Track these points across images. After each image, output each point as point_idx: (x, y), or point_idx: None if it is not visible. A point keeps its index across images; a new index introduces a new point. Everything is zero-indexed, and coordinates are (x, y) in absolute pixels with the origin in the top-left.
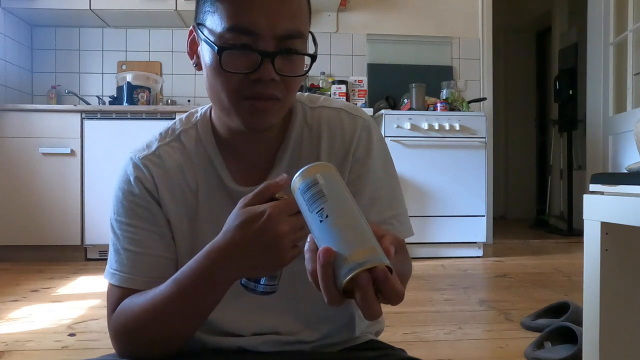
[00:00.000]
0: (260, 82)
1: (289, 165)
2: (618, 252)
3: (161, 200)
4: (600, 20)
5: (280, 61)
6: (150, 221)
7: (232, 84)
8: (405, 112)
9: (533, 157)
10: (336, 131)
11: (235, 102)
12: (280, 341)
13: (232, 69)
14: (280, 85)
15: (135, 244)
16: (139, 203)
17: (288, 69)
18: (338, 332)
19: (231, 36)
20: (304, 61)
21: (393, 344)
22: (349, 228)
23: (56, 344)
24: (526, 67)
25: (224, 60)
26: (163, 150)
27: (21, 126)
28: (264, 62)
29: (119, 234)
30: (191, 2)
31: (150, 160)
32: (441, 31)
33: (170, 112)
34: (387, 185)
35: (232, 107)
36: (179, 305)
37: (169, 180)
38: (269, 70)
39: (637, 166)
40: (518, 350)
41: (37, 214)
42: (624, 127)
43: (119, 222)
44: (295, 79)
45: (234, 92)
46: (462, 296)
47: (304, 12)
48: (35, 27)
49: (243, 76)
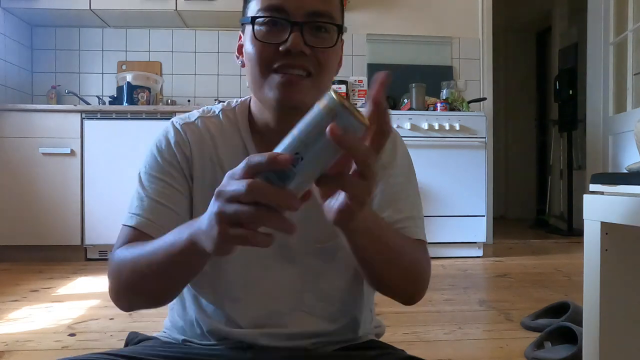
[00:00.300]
0: (290, 54)
1: None
2: (618, 252)
3: (193, 166)
4: (600, 20)
5: (309, 34)
6: (179, 182)
7: (264, 55)
8: (405, 112)
9: (533, 157)
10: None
11: (266, 74)
12: (280, 334)
13: (264, 39)
14: (311, 59)
15: (160, 196)
16: (173, 163)
17: (317, 42)
18: (341, 330)
19: (264, 14)
20: (335, 38)
21: (393, 344)
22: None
23: (56, 344)
24: (526, 67)
25: (257, 30)
26: (201, 121)
27: (21, 126)
28: (293, 32)
29: (146, 185)
30: (191, 2)
31: (189, 127)
32: (441, 31)
33: (170, 112)
34: (406, 190)
35: (264, 80)
36: (160, 271)
37: (203, 149)
38: (298, 40)
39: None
40: (518, 350)
41: (37, 214)
42: (624, 127)
43: (148, 175)
44: (325, 53)
45: (265, 64)
46: (462, 296)
47: (335, 2)
48: (35, 27)
49: (274, 48)
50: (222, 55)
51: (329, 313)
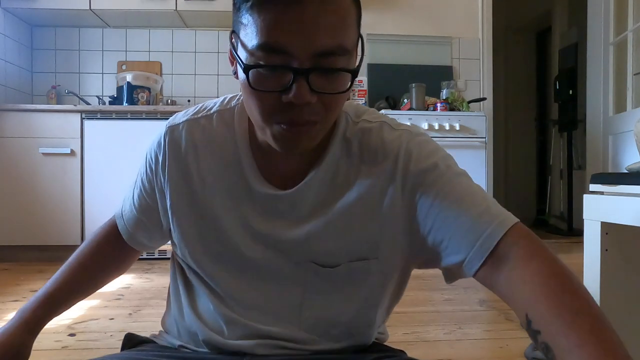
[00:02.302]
0: (293, 106)
1: (320, 182)
2: (618, 252)
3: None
4: (600, 20)
5: (316, 78)
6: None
7: (265, 105)
8: (405, 112)
9: (533, 157)
10: (377, 149)
11: (268, 124)
12: (278, 345)
13: (263, 88)
14: (317, 107)
15: (143, 213)
16: (155, 181)
17: (326, 86)
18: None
19: (262, 55)
20: (347, 78)
21: (393, 344)
22: None
23: (56, 344)
24: (526, 67)
25: (252, 79)
26: (187, 125)
27: (21, 126)
28: (297, 81)
29: (137, 196)
30: (191, 2)
31: (172, 134)
32: (441, 31)
33: (170, 112)
34: (460, 183)
35: (266, 128)
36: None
37: (179, 161)
38: (303, 91)
39: (637, 166)
40: (518, 350)
41: (37, 214)
42: (624, 127)
43: (140, 186)
44: (334, 97)
45: (266, 114)
46: (462, 296)
47: (348, 21)
48: (35, 27)
49: (276, 97)
50: (222, 55)
51: (331, 334)
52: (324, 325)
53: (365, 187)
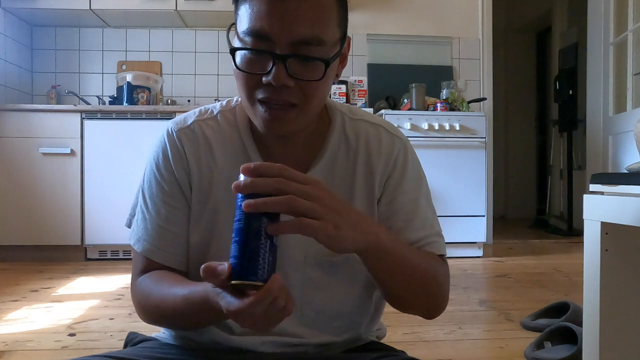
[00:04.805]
0: (272, 87)
1: (322, 173)
2: (618, 252)
3: (192, 177)
4: (600, 20)
5: (293, 64)
6: (180, 200)
7: (249, 85)
8: (405, 112)
9: (533, 157)
10: (373, 147)
11: (252, 103)
12: (281, 342)
13: (247, 69)
14: (295, 91)
15: (164, 221)
16: (172, 181)
17: (303, 72)
18: (346, 342)
19: (250, 41)
20: (322, 67)
21: (393, 344)
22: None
23: (56, 344)
24: (526, 67)
25: (239, 61)
26: (198, 125)
27: (21, 126)
28: (276, 65)
29: (150, 207)
30: (191, 2)
31: (184, 133)
32: (441, 31)
33: (170, 112)
34: (419, 206)
35: (251, 109)
36: (185, 319)
37: (199, 156)
38: (280, 74)
39: (637, 166)
40: (518, 350)
41: (37, 214)
42: (624, 127)
43: (150, 194)
44: (311, 85)
45: (250, 94)
46: (462, 296)
47: (327, 16)
48: (35, 27)
49: (258, 78)
50: (222, 55)
51: (331, 327)
52: (325, 319)
53: (361, 179)
